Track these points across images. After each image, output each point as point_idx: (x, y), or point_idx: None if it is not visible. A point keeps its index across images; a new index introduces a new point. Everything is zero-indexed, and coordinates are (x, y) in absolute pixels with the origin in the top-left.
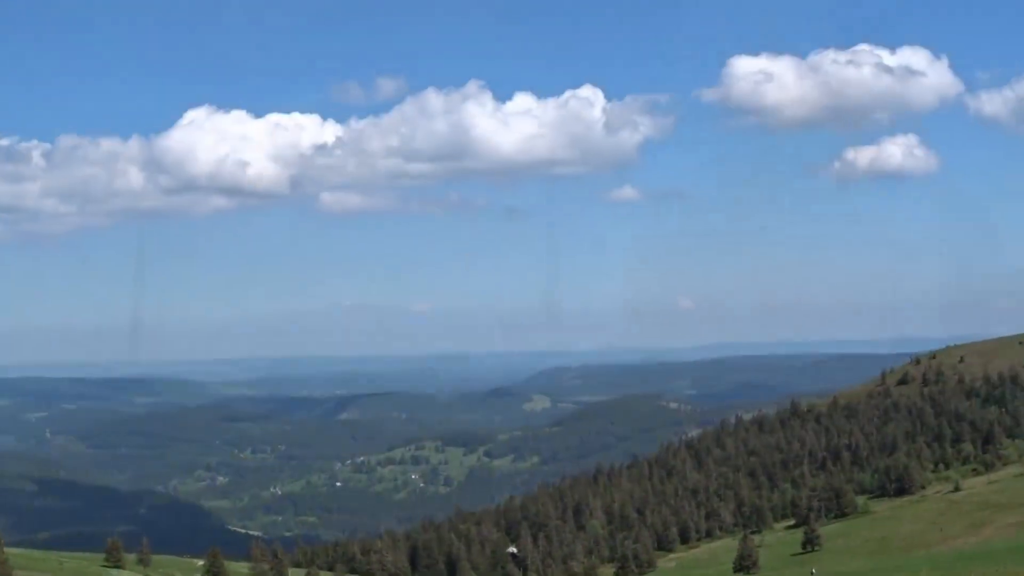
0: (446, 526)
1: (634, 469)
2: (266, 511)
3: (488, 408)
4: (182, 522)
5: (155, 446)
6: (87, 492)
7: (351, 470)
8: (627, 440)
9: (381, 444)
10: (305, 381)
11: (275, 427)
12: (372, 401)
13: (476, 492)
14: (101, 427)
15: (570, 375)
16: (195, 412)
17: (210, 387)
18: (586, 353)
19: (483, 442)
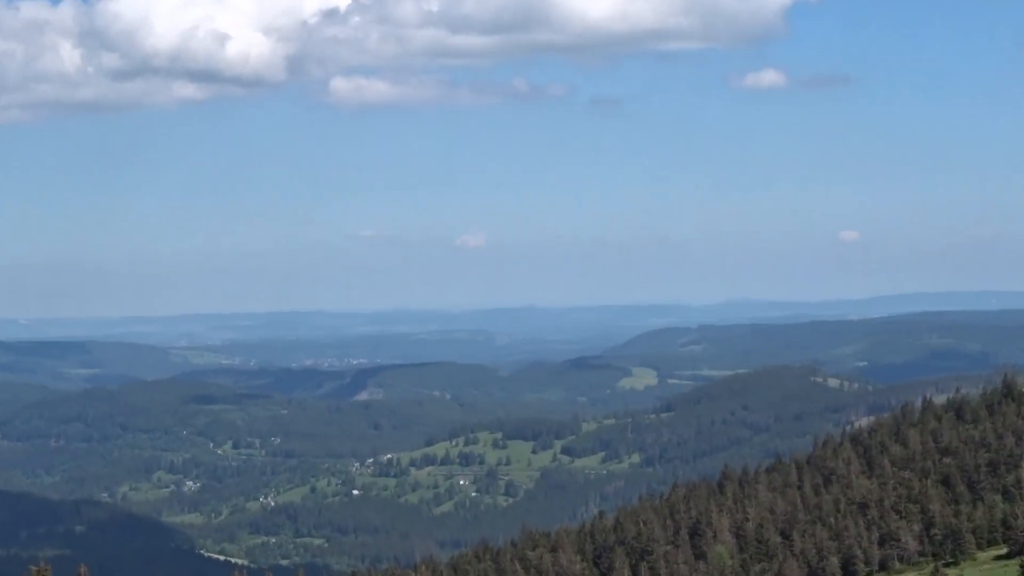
0: (508, 553)
1: (776, 473)
2: (253, 530)
3: (568, 386)
4: (135, 544)
5: (97, 437)
6: (1, 502)
7: (374, 473)
8: (766, 432)
9: (416, 436)
10: (309, 346)
11: (267, 412)
12: (403, 375)
13: (550, 505)
14: (20, 410)
15: (685, 339)
16: (153, 390)
17: (174, 354)
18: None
19: (560, 434)
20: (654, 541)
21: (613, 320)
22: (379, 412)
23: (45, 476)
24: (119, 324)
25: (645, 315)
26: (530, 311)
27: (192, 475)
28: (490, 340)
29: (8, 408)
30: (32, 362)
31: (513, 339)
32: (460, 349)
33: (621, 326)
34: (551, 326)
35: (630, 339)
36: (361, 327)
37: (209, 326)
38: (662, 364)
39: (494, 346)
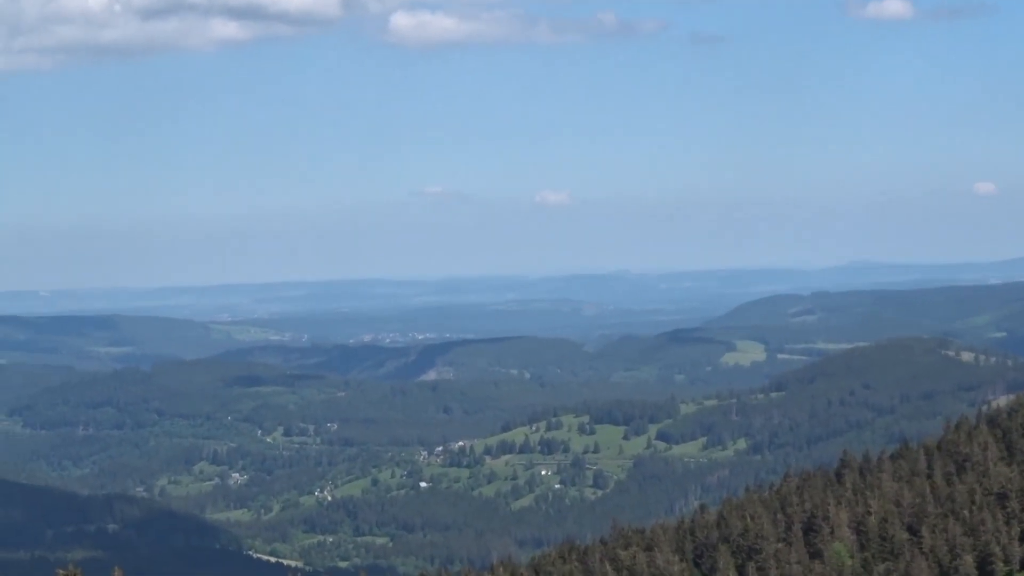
0: (597, 552)
1: (903, 461)
2: (308, 528)
3: (664, 362)
4: (175, 544)
5: (130, 425)
6: (24, 497)
7: (443, 463)
8: (890, 414)
9: (491, 421)
10: (369, 319)
11: (321, 394)
12: (476, 351)
13: (645, 497)
14: (42, 394)
15: (797, 308)
16: (192, 370)
17: (214, 330)
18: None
19: (656, 418)
20: (763, 538)
21: (715, 287)
22: (449, 394)
23: (73, 468)
24: (151, 295)
25: (751, 281)
26: (620, 277)
27: (238, 466)
28: (575, 311)
29: (29, 392)
30: (54, 340)
31: (601, 309)
32: (540, 321)
33: (724, 294)
34: (644, 295)
35: (734, 309)
36: (427, 297)
37: (254, 297)
38: (771, 337)
39: (579, 318)
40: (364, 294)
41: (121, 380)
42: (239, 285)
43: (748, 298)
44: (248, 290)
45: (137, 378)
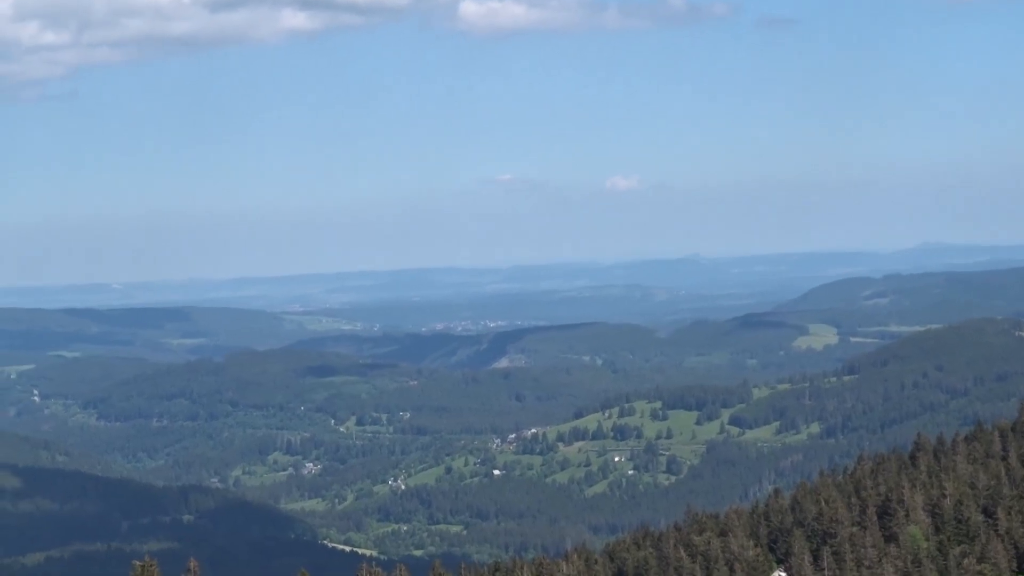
0: (671, 538)
1: (977, 443)
2: (382, 517)
3: (736, 347)
4: (249, 534)
5: (204, 416)
6: (100, 489)
7: (516, 450)
8: (964, 396)
9: (564, 408)
10: (439, 308)
11: (394, 383)
12: (548, 338)
13: (718, 483)
14: (116, 387)
15: (869, 291)
16: (265, 361)
17: (287, 320)
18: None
19: (728, 402)
20: (838, 522)
21: (787, 271)
22: (521, 381)
23: (147, 460)
24: (224, 287)
25: (823, 264)
26: (692, 262)
27: (312, 456)
28: (647, 296)
29: (103, 385)
30: (128, 332)
31: (673, 294)
32: (612, 307)
33: (796, 278)
34: (716, 279)
35: (806, 292)
36: (499, 284)
37: (326, 287)
38: (843, 320)
39: (651, 303)
40: (436, 283)
41: (195, 371)
42: (311, 275)
43: (820, 281)
44: (320, 280)
45: (210, 369)
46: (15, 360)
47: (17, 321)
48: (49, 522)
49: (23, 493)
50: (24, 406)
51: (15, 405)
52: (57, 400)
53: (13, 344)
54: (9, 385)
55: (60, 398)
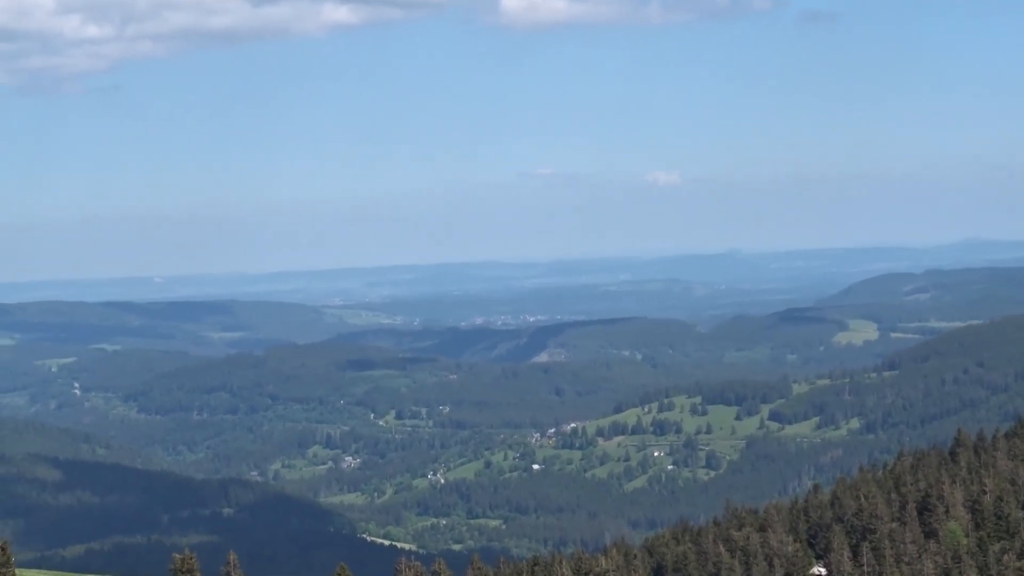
0: (710, 532)
1: (1018, 439)
2: (421, 511)
3: (775, 342)
4: (289, 528)
5: (244, 409)
6: (140, 482)
7: (556, 444)
8: (1004, 392)
9: (603, 402)
10: (479, 302)
11: (434, 377)
12: (587, 333)
13: (758, 478)
14: (157, 380)
15: (910, 286)
16: (305, 354)
17: (327, 314)
18: (936, 250)
19: (768, 398)
20: (877, 518)
21: (827, 266)
22: (561, 376)
23: (188, 453)
24: (264, 280)
25: (863, 260)
26: (732, 257)
27: (351, 450)
28: (686, 291)
29: (144, 378)
30: (169, 326)
31: (713, 289)
32: (652, 302)
33: (836, 273)
34: (756, 274)
35: (846, 288)
36: (538, 279)
37: (366, 281)
38: (884, 315)
39: (691, 298)
40: (475, 277)
41: (235, 365)
42: (351, 269)
43: (860, 277)
44: (360, 274)
45: (251, 363)
46: (56, 353)
47: (59, 314)
48: (89, 515)
49: (64, 486)
50: (65, 399)
51: (56, 398)
52: (98, 393)
53: (55, 337)
54: (50, 378)
55: (101, 391)
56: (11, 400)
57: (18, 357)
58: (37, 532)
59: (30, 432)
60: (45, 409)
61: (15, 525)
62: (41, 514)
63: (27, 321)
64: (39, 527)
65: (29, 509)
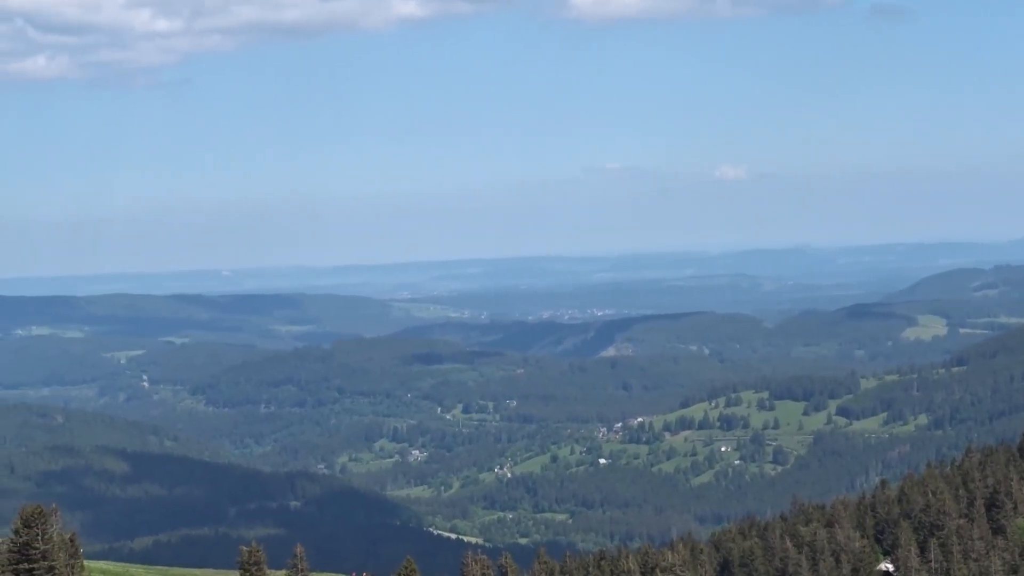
0: (777, 528)
1: None
2: (488, 504)
3: (843, 338)
4: (355, 521)
5: (311, 403)
6: (207, 475)
7: (622, 439)
8: None
9: (670, 397)
10: (546, 296)
11: (500, 371)
12: (654, 327)
13: (825, 473)
14: (224, 373)
15: (979, 282)
16: (372, 348)
17: (395, 308)
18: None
19: (836, 393)
20: (945, 514)
21: (895, 262)
22: (628, 370)
23: (255, 446)
24: (332, 274)
25: (932, 255)
26: (799, 252)
27: (418, 443)
28: (754, 286)
29: (212, 371)
30: (236, 319)
31: (780, 285)
32: (719, 297)
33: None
34: (824, 269)
35: (915, 283)
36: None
37: (433, 275)
38: (952, 311)
39: (758, 293)
40: (542, 271)
41: (302, 358)
42: (419, 263)
43: (929, 272)
44: (427, 268)
45: (318, 356)
46: (125, 346)
47: (127, 307)
48: (157, 507)
49: (132, 478)
50: (133, 391)
51: (125, 390)
52: (166, 386)
53: (123, 330)
54: (119, 370)
55: (169, 384)
56: (80, 392)
57: (88, 350)
58: (105, 524)
59: (99, 424)
60: (114, 401)
61: (83, 517)
62: (109, 506)
63: (96, 314)
64: (107, 519)
65: (97, 501)
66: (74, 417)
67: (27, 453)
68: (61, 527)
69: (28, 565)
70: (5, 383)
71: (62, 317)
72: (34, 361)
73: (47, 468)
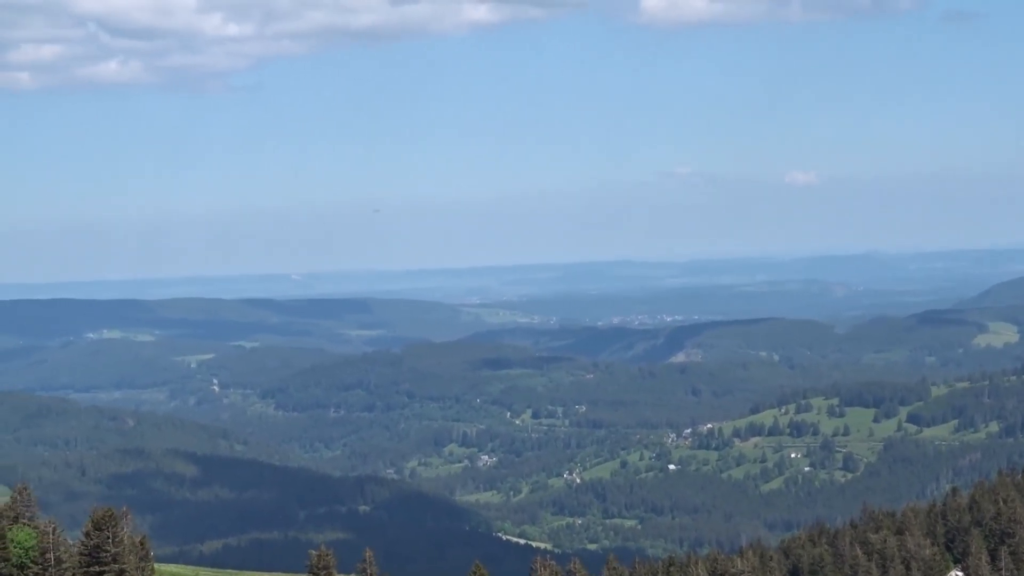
0: (847, 535)
1: None
2: (557, 510)
3: (914, 344)
4: (425, 526)
5: (381, 407)
6: (277, 478)
7: (692, 445)
8: None
9: (740, 403)
10: (615, 301)
11: (570, 377)
12: (724, 333)
13: (895, 480)
14: (294, 377)
15: None
16: (442, 353)
17: (464, 312)
18: None
19: (906, 400)
20: (1016, 522)
21: (967, 267)
22: (697, 376)
23: (324, 450)
24: (402, 278)
25: (1005, 261)
26: (870, 258)
27: (487, 448)
28: (824, 292)
29: (282, 375)
30: (307, 323)
31: (851, 290)
32: (790, 303)
33: (976, 274)
34: (895, 275)
35: (987, 289)
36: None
37: (503, 280)
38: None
39: (829, 299)
40: (612, 276)
41: (372, 363)
42: (488, 268)
43: (1002, 278)
44: (498, 272)
45: (388, 361)
46: (196, 350)
47: (198, 311)
48: (227, 510)
49: (201, 481)
50: (204, 395)
51: (195, 394)
52: (236, 389)
53: (194, 334)
54: (190, 374)
55: (239, 387)
56: (151, 396)
57: (158, 353)
58: (175, 527)
59: (169, 427)
60: (184, 405)
61: (154, 520)
62: (179, 509)
63: (167, 318)
64: (177, 522)
65: (167, 504)
66: (145, 420)
67: (98, 456)
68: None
69: (99, 568)
70: (77, 386)
71: (133, 321)
72: (106, 365)
73: (118, 471)
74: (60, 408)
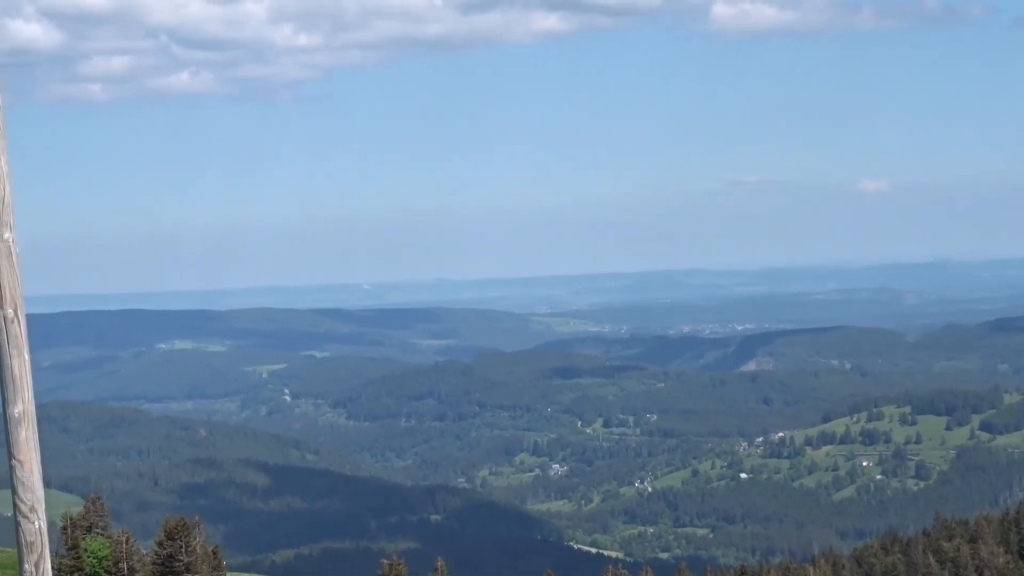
0: (920, 543)
1: None
2: (628, 519)
3: (987, 352)
4: (496, 535)
5: (452, 416)
6: (348, 488)
7: (763, 453)
8: None
9: (811, 412)
10: (686, 310)
11: (641, 385)
12: (796, 341)
13: (968, 489)
14: (366, 387)
15: None
16: (513, 362)
17: (534, 322)
18: None
19: (979, 408)
20: None
21: None
22: (769, 384)
23: (396, 460)
24: (472, 287)
25: None
26: (943, 265)
27: (558, 457)
28: (896, 299)
29: (353, 384)
30: (378, 333)
31: (923, 298)
32: (861, 310)
33: None
34: (967, 283)
35: None
36: (746, 287)
37: (573, 289)
38: None
39: (901, 306)
40: (682, 284)
41: (443, 372)
42: (558, 277)
43: None
44: (567, 282)
45: (458, 370)
46: (267, 359)
47: (269, 321)
48: (299, 520)
49: (273, 491)
50: (275, 405)
51: (267, 404)
52: (307, 399)
53: (265, 344)
54: (261, 384)
55: (310, 397)
56: (223, 406)
57: (230, 363)
58: (247, 536)
59: (241, 437)
60: (256, 415)
61: (226, 529)
62: (251, 518)
63: (238, 328)
64: (249, 531)
65: (239, 513)
66: (217, 430)
67: (170, 466)
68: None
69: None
70: (149, 396)
71: (205, 331)
72: (177, 375)
73: (190, 481)
74: (132, 418)
